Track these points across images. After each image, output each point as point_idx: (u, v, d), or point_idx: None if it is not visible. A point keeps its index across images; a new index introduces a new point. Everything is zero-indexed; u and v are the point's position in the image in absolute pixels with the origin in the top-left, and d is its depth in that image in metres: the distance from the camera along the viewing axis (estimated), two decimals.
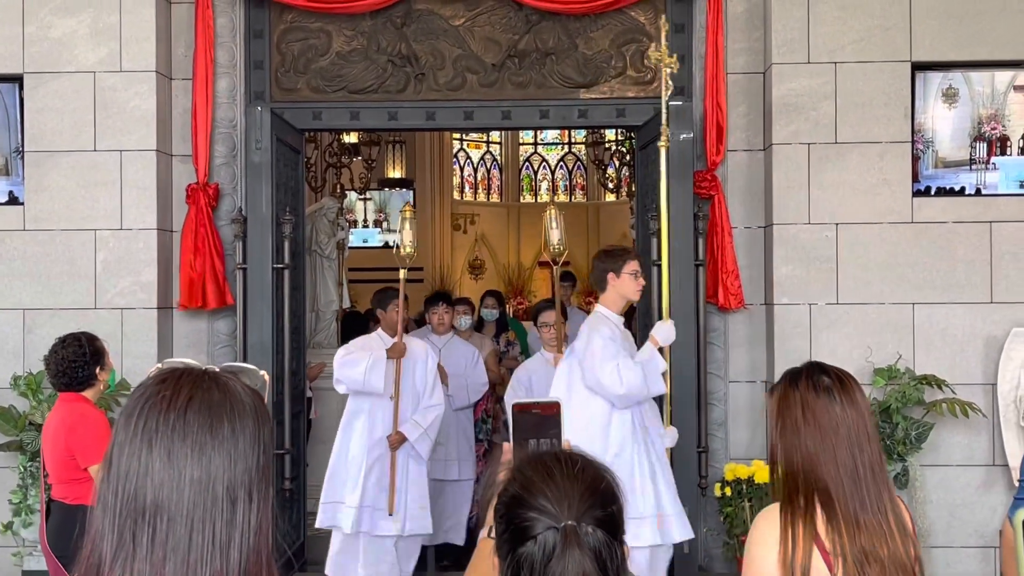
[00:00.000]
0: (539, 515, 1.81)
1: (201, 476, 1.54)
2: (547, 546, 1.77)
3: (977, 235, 7.05)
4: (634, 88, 7.62)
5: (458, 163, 22.13)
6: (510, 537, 1.82)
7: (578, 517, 1.82)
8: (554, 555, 1.77)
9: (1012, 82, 7.17)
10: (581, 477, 1.88)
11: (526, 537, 1.79)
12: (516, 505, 1.84)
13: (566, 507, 1.81)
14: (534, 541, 1.77)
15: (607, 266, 6.00)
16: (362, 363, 6.70)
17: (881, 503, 2.62)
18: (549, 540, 1.77)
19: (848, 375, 2.73)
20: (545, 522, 1.81)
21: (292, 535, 7.49)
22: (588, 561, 1.78)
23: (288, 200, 7.43)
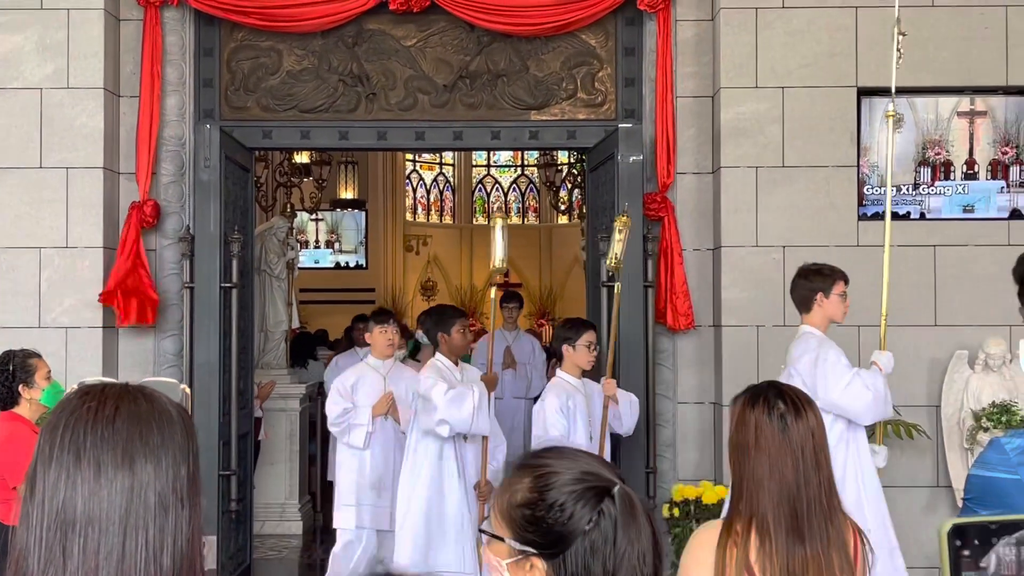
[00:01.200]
0: (584, 487, 1.73)
1: (132, 484, 1.55)
2: (612, 516, 1.70)
3: (921, 259, 7.14)
4: (585, 110, 7.66)
5: (411, 184, 22.12)
6: (553, 529, 1.71)
7: (620, 477, 1.76)
8: (618, 527, 1.70)
9: (956, 108, 7.28)
10: (585, 454, 1.82)
11: (582, 516, 1.70)
12: (546, 492, 1.74)
13: (607, 471, 1.76)
14: (599, 515, 1.69)
15: (816, 285, 5.77)
16: (467, 401, 6.02)
17: (825, 535, 2.62)
18: (610, 511, 1.70)
19: (805, 399, 2.74)
20: (596, 489, 1.72)
21: (238, 557, 7.40)
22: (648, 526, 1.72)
23: (237, 219, 7.38)
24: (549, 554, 1.71)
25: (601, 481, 1.74)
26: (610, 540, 1.69)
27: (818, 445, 2.67)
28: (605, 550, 1.69)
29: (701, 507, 6.89)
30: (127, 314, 7.04)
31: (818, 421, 2.70)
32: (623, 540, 1.70)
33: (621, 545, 1.69)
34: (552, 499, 1.72)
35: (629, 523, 1.71)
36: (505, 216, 6.76)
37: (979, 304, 7.01)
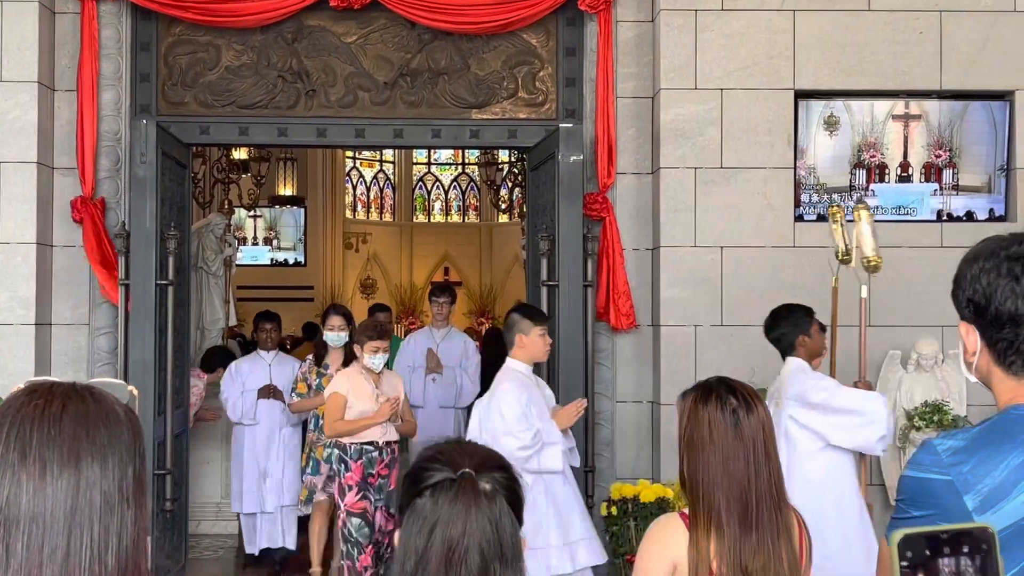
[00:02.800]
0: (437, 466, 1.86)
1: (79, 482, 1.54)
2: (440, 495, 1.79)
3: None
4: (526, 110, 7.67)
5: (351, 181, 22.03)
6: (407, 499, 1.83)
7: (477, 468, 1.84)
8: (445, 506, 1.78)
9: (891, 111, 7.39)
10: (480, 448, 1.91)
11: (420, 489, 1.80)
12: (415, 468, 1.89)
13: (466, 461, 1.86)
14: (429, 490, 1.79)
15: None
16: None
17: (774, 525, 2.68)
18: (444, 489, 1.81)
19: (754, 394, 2.80)
20: (442, 472, 1.84)
21: (175, 557, 7.32)
22: (484, 518, 1.79)
23: (173, 215, 7.30)
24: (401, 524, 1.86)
25: (449, 466, 1.84)
26: (429, 520, 1.80)
27: (768, 437, 2.74)
28: (418, 523, 1.80)
29: (639, 505, 6.93)
30: None
31: (766, 414, 2.78)
32: (439, 520, 1.79)
33: (434, 525, 1.79)
34: (403, 484, 1.89)
35: (453, 507, 1.80)
36: (868, 207, 6.31)
37: (912, 305, 7.13)
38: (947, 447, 2.07)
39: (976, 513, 2.01)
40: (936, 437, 2.11)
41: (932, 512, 2.06)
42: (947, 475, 2.04)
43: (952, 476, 2.03)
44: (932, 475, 2.06)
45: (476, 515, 1.80)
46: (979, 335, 2.11)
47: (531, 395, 5.69)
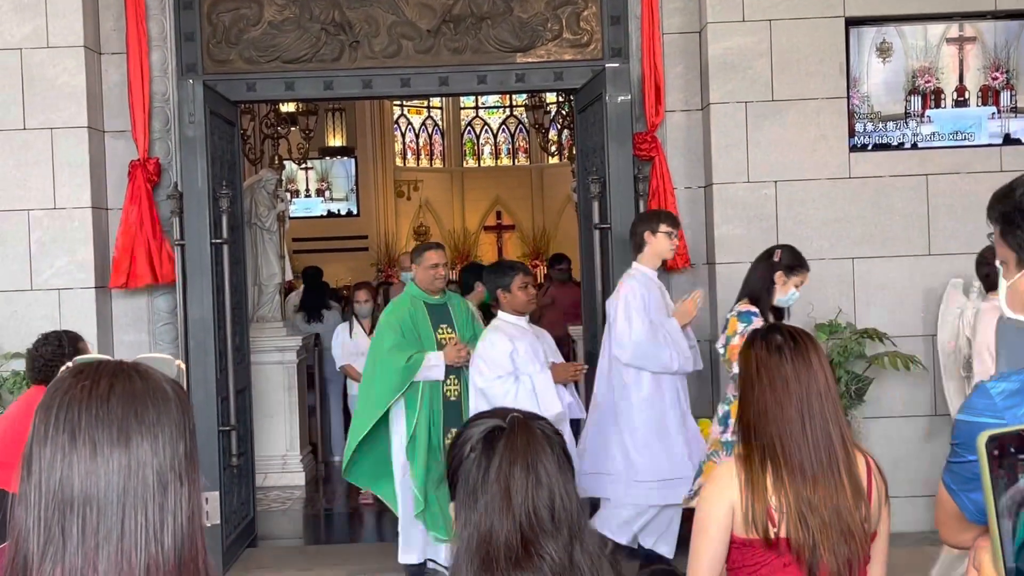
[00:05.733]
0: (481, 420, 1.87)
1: (129, 462, 1.54)
2: (495, 442, 1.80)
3: (913, 189, 7.12)
4: (571, 51, 7.58)
5: (399, 129, 22.01)
6: (455, 463, 1.84)
7: (527, 416, 1.84)
8: (502, 451, 1.79)
9: (944, 35, 7.22)
10: (518, 408, 1.92)
11: (471, 446, 1.81)
12: (458, 434, 1.91)
13: (513, 411, 1.88)
14: (481, 443, 1.81)
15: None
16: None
17: (833, 461, 2.66)
18: (496, 436, 1.82)
19: (804, 334, 2.78)
20: (489, 421, 1.86)
21: (242, 511, 7.44)
22: (547, 456, 1.79)
23: (225, 174, 7.33)
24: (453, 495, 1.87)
25: (495, 417, 1.85)
26: (482, 467, 1.81)
27: (819, 377, 2.71)
28: (478, 475, 1.81)
29: None
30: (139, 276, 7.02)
31: (819, 353, 2.75)
32: (498, 462, 1.80)
33: (494, 467, 1.80)
34: (452, 443, 1.91)
35: (508, 447, 1.80)
36: None
37: (973, 232, 6.99)
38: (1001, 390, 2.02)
39: None
40: (990, 380, 2.06)
41: None
42: (1001, 418, 1.99)
43: (1007, 420, 1.99)
44: (986, 419, 2.01)
45: (536, 450, 1.80)
46: None
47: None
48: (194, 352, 6.96)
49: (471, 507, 1.80)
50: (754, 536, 2.65)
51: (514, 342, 5.99)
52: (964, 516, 2.18)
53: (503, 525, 1.77)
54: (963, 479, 2.13)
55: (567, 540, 1.77)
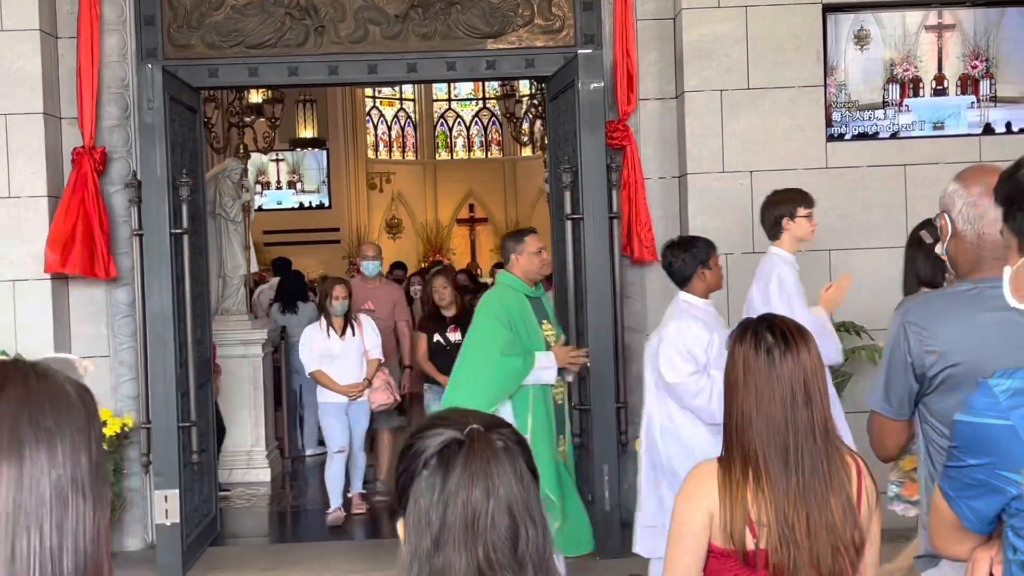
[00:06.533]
0: (437, 430, 1.64)
1: (21, 475, 1.30)
2: (451, 458, 1.59)
3: (891, 179, 6.98)
4: (543, 37, 7.40)
5: (371, 121, 21.79)
6: (407, 476, 1.64)
7: (486, 426, 1.64)
8: (459, 468, 1.58)
9: (923, 22, 7.08)
10: (476, 411, 1.71)
11: (425, 458, 1.61)
12: (411, 440, 1.67)
13: (470, 419, 1.66)
14: (436, 456, 1.60)
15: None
16: None
17: (821, 471, 2.49)
18: (453, 451, 1.60)
19: (797, 331, 2.59)
20: (446, 432, 1.63)
21: (203, 509, 7.23)
22: (508, 473, 1.59)
23: (185, 162, 7.10)
24: (403, 512, 1.65)
25: (453, 427, 1.63)
26: (437, 488, 1.59)
27: (810, 380, 2.53)
28: (429, 496, 1.59)
29: None
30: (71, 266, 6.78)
31: (811, 354, 2.56)
32: (455, 485, 1.58)
33: (451, 491, 1.59)
34: (397, 464, 1.67)
35: (467, 468, 1.59)
36: None
37: None
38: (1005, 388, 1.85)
39: None
40: (993, 376, 1.89)
41: (990, 460, 1.86)
42: (1006, 419, 1.82)
43: (1013, 420, 1.82)
44: (989, 419, 1.85)
45: (498, 471, 1.60)
46: None
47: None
48: (153, 345, 6.74)
49: (422, 533, 1.60)
50: (732, 548, 2.48)
51: (711, 332, 5.27)
52: (963, 525, 2.01)
53: (460, 561, 1.56)
54: (963, 485, 1.96)
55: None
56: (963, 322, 2.71)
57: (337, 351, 7.93)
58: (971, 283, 2.82)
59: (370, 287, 8.81)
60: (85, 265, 6.81)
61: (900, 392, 2.81)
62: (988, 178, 2.92)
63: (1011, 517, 1.89)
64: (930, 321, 2.74)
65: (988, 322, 2.72)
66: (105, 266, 6.90)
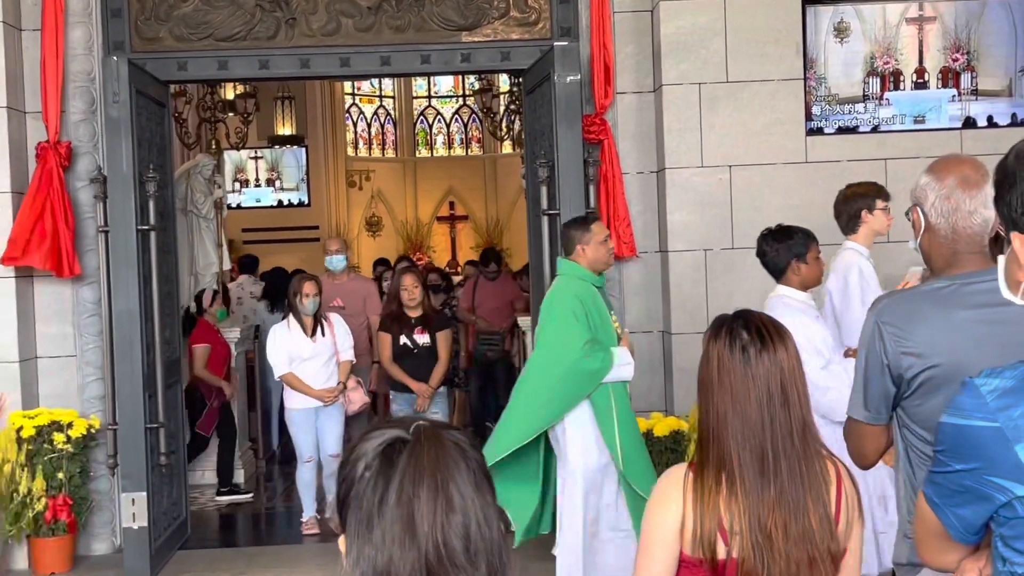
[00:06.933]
0: (381, 431, 1.51)
1: None
2: (396, 457, 1.45)
3: (872, 173, 6.85)
4: (518, 30, 7.27)
5: (351, 118, 21.63)
6: (346, 486, 1.50)
7: (436, 426, 1.51)
8: (406, 469, 1.44)
9: (904, 14, 6.98)
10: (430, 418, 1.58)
11: (367, 462, 1.47)
12: (354, 446, 1.54)
13: (420, 421, 1.52)
14: (379, 458, 1.47)
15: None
16: None
17: (797, 478, 2.36)
18: (398, 450, 1.47)
19: (775, 328, 2.45)
20: (390, 432, 1.50)
21: (173, 512, 7.08)
22: (462, 476, 1.45)
23: (153, 157, 6.94)
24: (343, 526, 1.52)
25: (399, 428, 1.50)
26: (379, 488, 1.46)
27: (788, 380, 2.39)
28: (374, 498, 1.46)
29: (652, 439, 6.64)
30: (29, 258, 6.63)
31: (789, 353, 2.42)
32: (399, 483, 1.45)
33: (394, 489, 1.45)
34: (343, 463, 1.55)
35: (412, 465, 1.46)
36: None
37: None
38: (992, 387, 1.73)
39: None
40: (979, 376, 1.77)
41: (977, 465, 1.74)
42: (994, 421, 1.70)
43: (1000, 422, 1.69)
44: (976, 422, 1.72)
45: (447, 468, 1.45)
46: None
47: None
48: (119, 345, 6.58)
49: (365, 538, 1.44)
50: (702, 557, 2.35)
51: (821, 326, 5.16)
52: (949, 534, 1.89)
53: (405, 559, 1.42)
54: (949, 492, 1.84)
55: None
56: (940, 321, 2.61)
57: (308, 353, 7.40)
58: (947, 279, 2.72)
59: (338, 283, 8.61)
60: (51, 261, 6.66)
61: (877, 396, 2.70)
62: (962, 169, 2.82)
63: (1000, 526, 1.77)
64: (906, 321, 2.64)
65: (966, 320, 2.63)
66: (70, 264, 6.75)
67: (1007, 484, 1.70)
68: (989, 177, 2.83)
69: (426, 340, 7.65)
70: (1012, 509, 1.71)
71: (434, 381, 7.60)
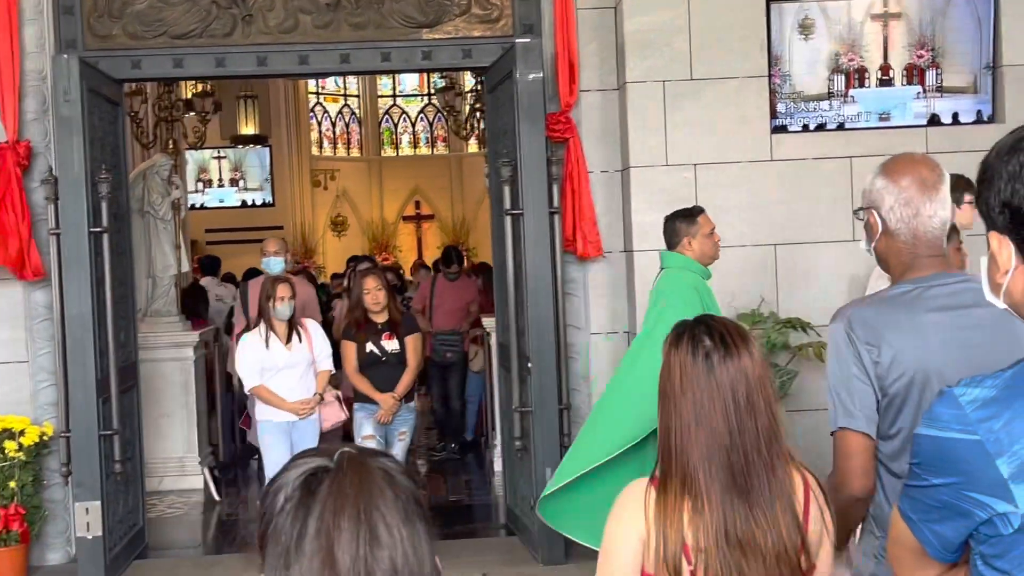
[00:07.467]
0: (303, 460, 1.40)
1: None
2: (317, 488, 1.34)
3: (837, 172, 6.81)
4: (480, 27, 7.16)
5: (315, 118, 21.48)
6: (266, 520, 1.38)
7: (364, 453, 1.39)
8: (326, 500, 1.33)
9: (868, 11, 6.92)
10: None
11: (287, 494, 1.36)
12: (274, 477, 1.42)
13: (346, 448, 1.41)
14: (299, 490, 1.35)
15: None
16: None
17: (766, 489, 2.25)
18: (319, 480, 1.35)
19: (737, 333, 2.34)
20: (312, 462, 1.38)
21: (129, 520, 6.92)
22: (389, 507, 1.33)
23: (107, 157, 6.78)
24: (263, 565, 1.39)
25: (322, 457, 1.38)
26: (298, 521, 1.34)
27: (753, 387, 2.28)
28: (293, 532, 1.34)
29: None
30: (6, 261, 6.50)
31: (754, 359, 2.32)
32: (319, 514, 1.33)
33: (314, 520, 1.33)
34: (266, 491, 1.42)
35: (334, 494, 1.34)
36: None
37: None
38: (972, 398, 1.63)
39: (1013, 481, 1.58)
40: (958, 385, 1.68)
41: (956, 479, 1.64)
42: (974, 434, 1.61)
43: (981, 435, 1.60)
44: (955, 434, 1.63)
45: (373, 496, 1.33)
46: (1015, 248, 1.67)
47: None
48: (72, 350, 6.42)
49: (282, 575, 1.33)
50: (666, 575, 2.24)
51: None
52: (925, 552, 1.80)
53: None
54: (926, 507, 1.74)
55: None
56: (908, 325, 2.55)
57: (283, 362, 6.75)
58: (909, 283, 2.66)
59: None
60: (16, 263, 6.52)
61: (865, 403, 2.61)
62: (918, 170, 2.75)
63: (979, 544, 1.68)
64: (874, 332, 2.58)
65: (932, 324, 2.59)
66: (33, 266, 6.60)
67: (987, 500, 1.61)
68: (945, 176, 2.77)
69: (395, 346, 7.05)
70: (993, 526, 1.62)
71: (400, 389, 6.96)
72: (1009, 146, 1.68)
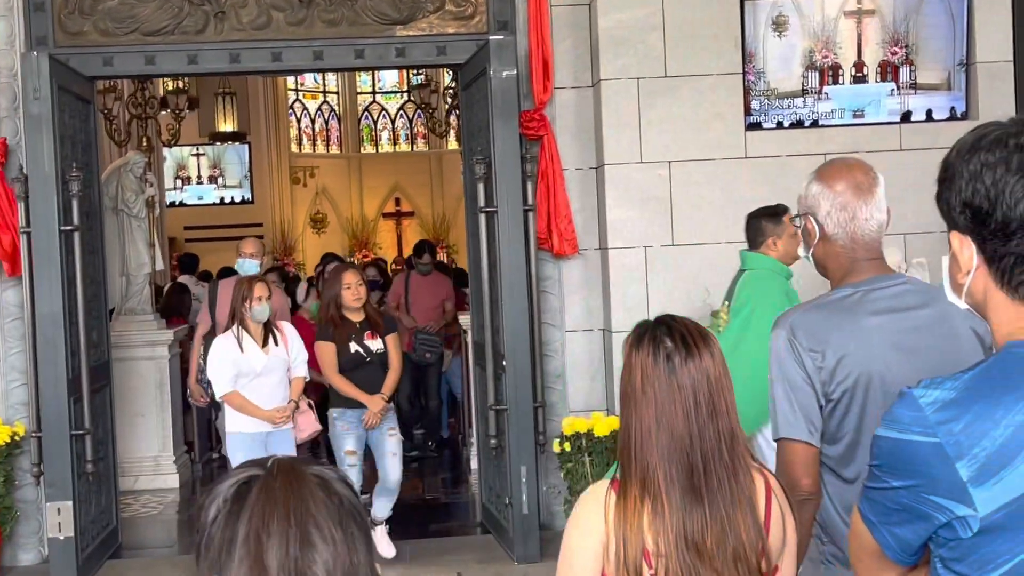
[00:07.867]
0: (237, 471, 1.37)
1: None
2: (247, 497, 1.31)
3: (812, 167, 6.76)
4: (454, 24, 7.13)
5: (294, 115, 21.41)
6: (199, 535, 1.35)
7: (299, 462, 1.37)
8: (256, 508, 1.30)
9: (842, 8, 6.92)
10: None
11: (219, 506, 1.34)
12: (207, 490, 1.39)
13: (278, 457, 1.39)
14: (229, 501, 1.33)
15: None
16: None
17: (727, 492, 2.23)
18: (250, 488, 1.33)
19: (698, 334, 2.31)
20: (245, 471, 1.36)
21: (102, 520, 6.88)
22: (323, 516, 1.30)
23: (78, 155, 6.73)
24: None
25: (255, 467, 1.36)
26: (228, 529, 1.31)
27: (715, 389, 2.26)
28: (221, 541, 1.31)
29: (593, 440, 6.55)
30: None
31: (715, 360, 2.29)
32: (247, 524, 1.30)
33: (243, 530, 1.30)
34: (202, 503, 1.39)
35: (264, 503, 1.31)
36: None
37: None
38: (932, 399, 1.62)
39: (972, 485, 1.57)
40: (918, 386, 1.66)
41: (916, 482, 1.63)
42: (933, 436, 1.60)
43: (940, 437, 1.59)
44: (914, 436, 1.62)
45: (306, 505, 1.31)
46: (976, 248, 1.66)
47: None
48: (43, 350, 6.37)
49: None
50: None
51: None
52: (885, 554, 1.79)
53: None
54: (885, 510, 1.73)
55: None
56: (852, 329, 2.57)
57: (260, 367, 6.37)
58: (851, 287, 2.69)
59: None
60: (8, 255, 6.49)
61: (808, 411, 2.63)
62: (853, 175, 2.77)
63: (939, 547, 1.67)
64: (817, 338, 2.60)
65: (875, 327, 2.61)
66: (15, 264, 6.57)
67: (947, 503, 1.60)
68: (879, 180, 2.79)
69: (379, 346, 6.65)
70: (952, 530, 1.61)
71: (387, 390, 6.60)
72: (970, 145, 1.67)
